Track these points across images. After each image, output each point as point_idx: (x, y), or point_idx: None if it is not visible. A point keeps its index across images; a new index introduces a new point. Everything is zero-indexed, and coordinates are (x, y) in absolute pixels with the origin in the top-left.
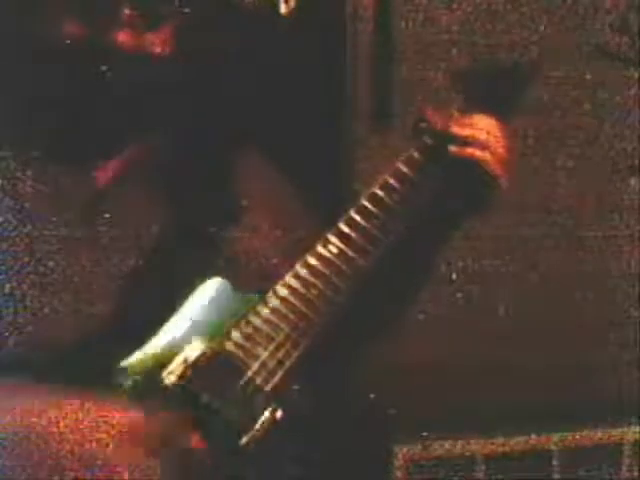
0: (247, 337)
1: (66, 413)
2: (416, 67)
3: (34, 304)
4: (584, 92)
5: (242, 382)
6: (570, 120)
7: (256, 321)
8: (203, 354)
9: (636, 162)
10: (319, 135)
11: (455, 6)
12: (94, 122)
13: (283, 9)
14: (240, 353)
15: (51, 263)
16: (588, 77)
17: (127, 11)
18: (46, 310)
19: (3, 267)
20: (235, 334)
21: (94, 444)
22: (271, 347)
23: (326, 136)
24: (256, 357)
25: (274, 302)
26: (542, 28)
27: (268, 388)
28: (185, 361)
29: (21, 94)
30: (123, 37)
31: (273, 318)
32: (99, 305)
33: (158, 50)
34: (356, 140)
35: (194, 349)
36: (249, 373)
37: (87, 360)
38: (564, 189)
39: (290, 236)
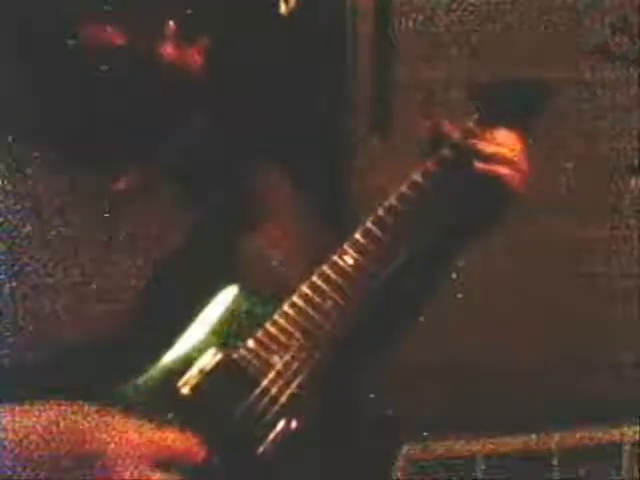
0: (264, 346)
1: (74, 424)
2: (416, 67)
3: (34, 304)
4: (584, 92)
5: (258, 392)
6: (570, 120)
7: (273, 331)
8: (219, 363)
9: (636, 162)
10: (319, 135)
11: (455, 6)
12: (126, 128)
13: (283, 9)
14: (256, 362)
15: (51, 263)
16: (588, 77)
17: (171, 23)
18: (46, 310)
19: (3, 267)
20: (251, 343)
21: (100, 455)
22: (287, 357)
23: (326, 136)
24: (272, 367)
25: (291, 312)
26: (542, 28)
27: (284, 398)
28: (201, 371)
29: (64, 100)
30: (166, 49)
31: (290, 328)
32: (100, 305)
33: (196, 62)
34: (356, 140)
35: (210, 358)
36: (265, 383)
37: (97, 364)
38: (564, 189)
39: (291, 237)
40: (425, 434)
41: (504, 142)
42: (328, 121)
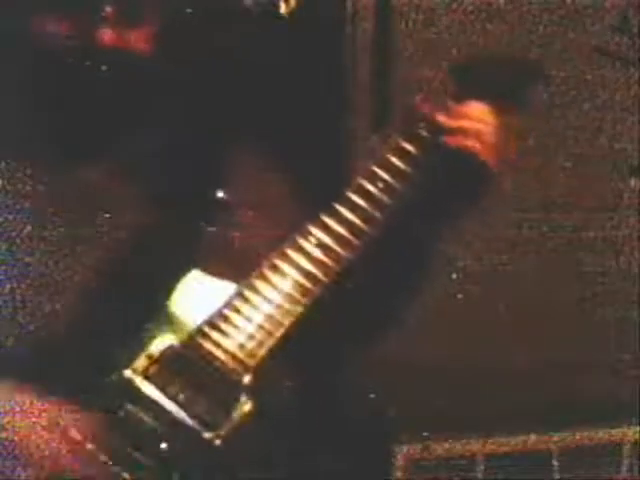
0: (218, 329)
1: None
2: (416, 67)
3: (34, 304)
4: (584, 92)
5: (210, 375)
6: (570, 120)
7: (228, 313)
8: (169, 348)
9: (636, 162)
10: (319, 135)
11: (455, 6)
12: (78, 120)
13: (283, 9)
14: (210, 346)
15: (51, 263)
16: (588, 77)
17: (108, 8)
18: (46, 310)
19: (3, 267)
20: (206, 327)
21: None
22: (242, 339)
23: (326, 135)
24: (226, 350)
25: (248, 293)
26: (542, 28)
27: (237, 381)
28: (150, 356)
29: (5, 93)
30: (105, 35)
31: (246, 310)
32: (98, 305)
33: (141, 47)
34: (356, 140)
35: (161, 344)
36: (218, 366)
37: (75, 358)
38: (564, 189)
39: (286, 235)
40: (425, 434)
41: (475, 115)
42: (328, 121)
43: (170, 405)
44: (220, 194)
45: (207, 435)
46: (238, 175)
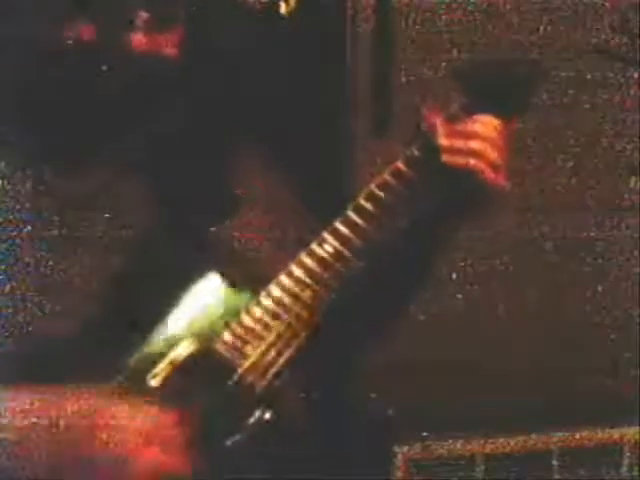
0: (238, 337)
1: (66, 411)
2: (416, 67)
3: (34, 304)
4: (584, 92)
5: (231, 383)
6: (570, 120)
7: (248, 321)
8: (191, 355)
9: (636, 162)
10: (319, 135)
11: (455, 6)
12: (81, 121)
13: (283, 9)
14: (230, 353)
15: (51, 263)
16: (588, 77)
17: (141, 13)
18: (46, 310)
19: (3, 267)
20: (226, 334)
21: (93, 443)
22: (262, 347)
23: (326, 136)
24: (246, 357)
25: (267, 302)
26: (542, 28)
27: (258, 389)
28: (172, 363)
29: (32, 96)
30: (136, 39)
31: (265, 318)
32: (99, 305)
33: (169, 51)
34: (356, 140)
35: (182, 350)
36: (239, 373)
37: (83, 359)
38: (564, 189)
39: (288, 236)
40: (425, 434)
41: (476, 133)
42: (328, 121)
43: (192, 410)
44: (237, 191)
45: (230, 441)
46: (238, 175)
